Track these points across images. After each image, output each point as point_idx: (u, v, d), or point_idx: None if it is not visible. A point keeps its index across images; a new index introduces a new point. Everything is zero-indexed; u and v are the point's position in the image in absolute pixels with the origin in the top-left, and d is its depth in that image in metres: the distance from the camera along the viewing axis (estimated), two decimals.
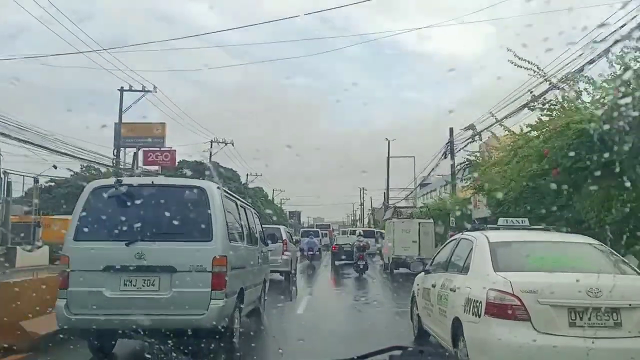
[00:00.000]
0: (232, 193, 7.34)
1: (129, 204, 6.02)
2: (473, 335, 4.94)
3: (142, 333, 5.22)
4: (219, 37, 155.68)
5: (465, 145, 20.83)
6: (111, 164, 33.50)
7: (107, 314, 5.71)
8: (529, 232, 6.28)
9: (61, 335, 6.03)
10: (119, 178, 6.45)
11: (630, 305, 4.55)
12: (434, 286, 6.59)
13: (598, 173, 7.10)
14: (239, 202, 7.93)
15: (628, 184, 6.69)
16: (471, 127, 18.61)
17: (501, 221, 6.70)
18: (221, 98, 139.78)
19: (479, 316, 4.85)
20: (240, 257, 6.98)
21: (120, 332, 5.73)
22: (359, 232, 24.07)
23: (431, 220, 21.89)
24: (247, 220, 8.16)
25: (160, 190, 6.39)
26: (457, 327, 5.37)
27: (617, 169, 6.33)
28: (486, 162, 15.00)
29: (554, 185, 7.89)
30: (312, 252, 27.87)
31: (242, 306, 6.90)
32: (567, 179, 8.14)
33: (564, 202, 8.88)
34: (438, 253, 7.57)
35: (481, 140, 18.34)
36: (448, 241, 7.41)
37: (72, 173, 39.51)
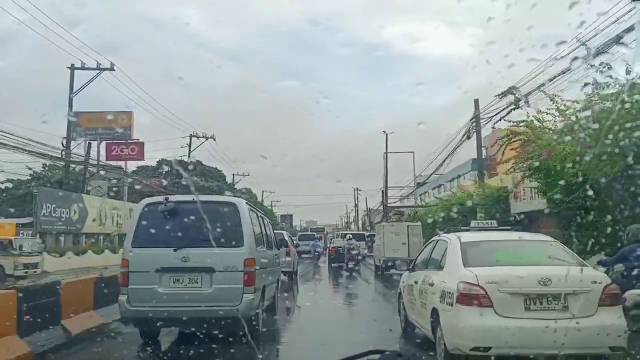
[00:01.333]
0: (253, 205, 8.60)
1: (175, 216, 7.44)
2: (448, 322, 5.85)
3: (187, 321, 6.89)
4: (208, 39, 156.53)
5: (506, 114, 15.96)
6: (61, 157, 30.30)
7: (160, 306, 7.06)
8: (496, 232, 7.23)
9: None
10: (166, 196, 8.11)
11: (574, 291, 5.47)
12: (416, 282, 7.50)
13: None
14: (258, 213, 9.26)
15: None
16: (512, 91, 14.43)
17: (473, 223, 7.67)
18: (210, 100, 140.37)
19: (452, 305, 5.76)
20: (262, 259, 8.28)
21: (170, 320, 7.19)
22: (349, 236, 26.31)
23: (419, 223, 23.08)
24: (265, 227, 9.52)
25: (200, 205, 7.46)
26: (435, 316, 6.28)
27: None
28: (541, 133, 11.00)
29: None
30: (317, 253, 33.46)
31: (264, 300, 8.28)
32: None
33: None
34: (420, 253, 8.50)
35: (529, 105, 12.85)
36: (428, 242, 8.33)
37: (32, 172, 36.13)
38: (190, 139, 44.87)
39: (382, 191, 44.39)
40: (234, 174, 59.50)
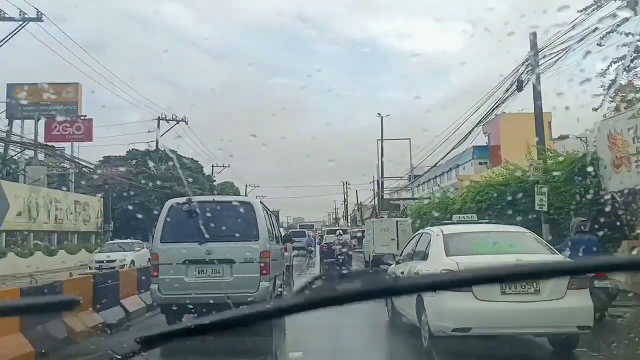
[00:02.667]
0: (265, 205, 9.48)
1: (197, 214, 8.22)
2: (431, 307, 6.36)
3: (211, 307, 7.03)
4: (195, 37, 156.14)
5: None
6: None
7: (187, 293, 7.94)
8: (475, 225, 7.78)
9: None
10: (189, 197, 9.17)
11: None
12: (402, 273, 8.00)
13: None
14: (268, 211, 10.10)
15: None
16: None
17: (455, 217, 8.22)
18: (197, 97, 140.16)
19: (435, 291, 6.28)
20: (274, 253, 9.15)
21: (195, 306, 7.76)
22: (339, 232, 26.74)
23: (408, 219, 23.50)
24: (273, 224, 10.29)
25: (220, 205, 8.88)
26: (419, 303, 6.79)
27: None
28: None
29: None
30: (311, 248, 36.24)
31: (275, 288, 9.13)
32: None
33: None
34: (406, 246, 9.03)
35: None
36: (413, 235, 8.86)
37: None
38: (159, 122, 40.42)
39: (378, 181, 42.02)
40: (213, 165, 55.28)
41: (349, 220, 72.47)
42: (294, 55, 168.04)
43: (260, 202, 9.13)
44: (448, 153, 25.53)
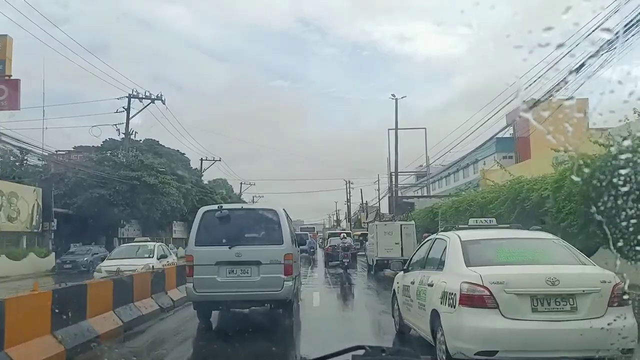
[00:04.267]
0: (286, 211, 10.04)
1: (228, 221, 9.27)
2: (450, 324, 5.54)
3: (241, 303, 9.20)
4: (197, 39, 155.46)
5: None
6: None
7: (219, 291, 8.85)
8: (495, 230, 6.96)
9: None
10: (220, 205, 9.94)
11: (583, 291, 5.21)
12: (412, 283, 7.19)
13: None
14: (288, 217, 10.45)
15: None
16: None
17: (471, 221, 7.38)
18: (202, 101, 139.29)
19: (454, 307, 5.46)
20: (294, 255, 9.84)
21: (226, 303, 9.20)
22: (343, 235, 26.95)
23: (412, 222, 22.70)
24: (292, 229, 10.92)
25: (248, 212, 10.10)
26: (435, 318, 5.97)
27: None
28: None
29: None
30: (313, 250, 36.84)
31: (295, 287, 9.88)
32: None
33: None
34: (415, 253, 8.20)
35: None
36: (424, 241, 8.03)
37: None
38: (129, 101, 35.73)
39: (391, 175, 37.50)
40: (202, 159, 53.08)
41: (351, 223, 70.86)
42: (295, 58, 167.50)
43: (284, 209, 9.74)
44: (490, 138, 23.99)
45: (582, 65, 11.97)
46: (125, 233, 40.21)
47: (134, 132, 38.41)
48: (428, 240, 7.64)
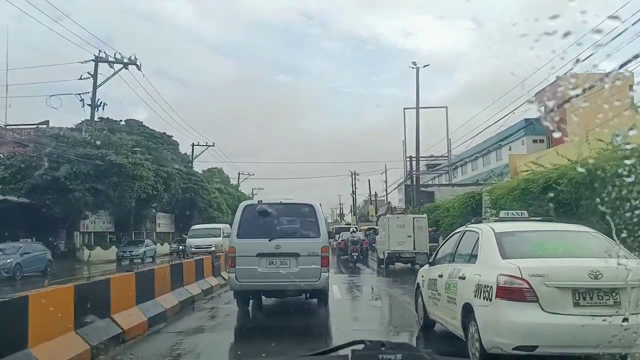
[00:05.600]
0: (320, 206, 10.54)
1: (267, 214, 9.70)
2: (485, 318, 5.35)
3: (280, 292, 9.73)
4: (200, 34, 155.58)
5: None
6: None
7: (259, 281, 9.37)
8: (528, 223, 6.75)
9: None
10: (260, 200, 10.46)
11: (627, 285, 4.98)
12: (440, 276, 7.00)
13: None
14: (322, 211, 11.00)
15: None
16: None
17: (502, 214, 7.17)
18: (204, 95, 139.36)
19: (490, 300, 5.27)
20: (329, 247, 10.40)
21: (266, 292, 9.86)
22: (353, 229, 27.54)
23: (425, 215, 22.75)
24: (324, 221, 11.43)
25: (286, 206, 10.27)
26: (467, 312, 5.78)
27: None
28: None
29: None
30: None
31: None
32: None
33: None
34: (441, 246, 8.00)
35: None
36: (452, 234, 7.83)
37: None
38: (97, 66, 30.11)
39: (410, 159, 33.72)
40: (193, 144, 50.15)
41: (357, 216, 68.82)
42: (299, 52, 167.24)
43: (320, 204, 10.24)
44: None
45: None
46: (91, 226, 35.67)
47: (102, 104, 31.24)
48: (456, 233, 7.45)
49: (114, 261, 30.65)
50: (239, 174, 67.97)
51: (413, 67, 32.19)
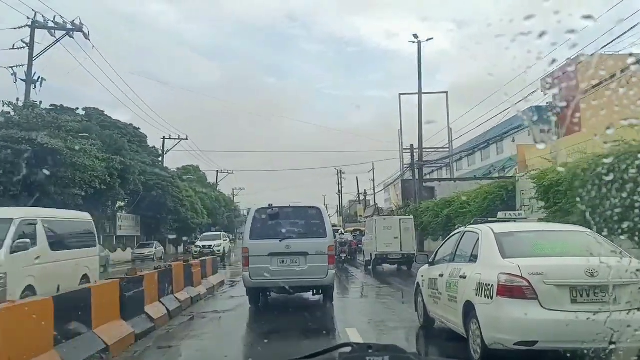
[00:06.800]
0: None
1: (278, 217, 10.48)
2: (487, 315, 5.57)
3: (290, 289, 10.05)
4: (184, 36, 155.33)
5: None
6: None
7: (271, 279, 10.02)
8: (526, 223, 6.99)
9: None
10: (270, 203, 10.80)
11: (623, 282, 5.23)
12: (441, 276, 7.22)
13: None
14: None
15: None
16: None
17: (500, 214, 7.41)
18: (186, 96, 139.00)
19: (491, 298, 5.49)
20: (334, 246, 11.54)
21: (277, 289, 10.46)
22: (341, 231, 29.37)
23: (411, 217, 23.14)
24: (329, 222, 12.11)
25: (295, 209, 10.94)
26: (469, 310, 6.00)
27: None
28: None
29: None
30: None
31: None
32: None
33: None
34: (441, 246, 8.22)
35: None
36: (451, 235, 8.06)
37: None
38: (33, 32, 24.32)
39: (412, 148, 30.72)
40: (164, 137, 45.37)
41: (343, 216, 66.62)
42: (282, 53, 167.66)
43: (325, 207, 11.69)
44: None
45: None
46: None
47: (39, 79, 25.33)
48: (456, 234, 7.67)
49: None
50: (217, 172, 63.47)
51: (414, 42, 29.03)
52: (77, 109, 35.05)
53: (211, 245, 32.46)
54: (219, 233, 38.48)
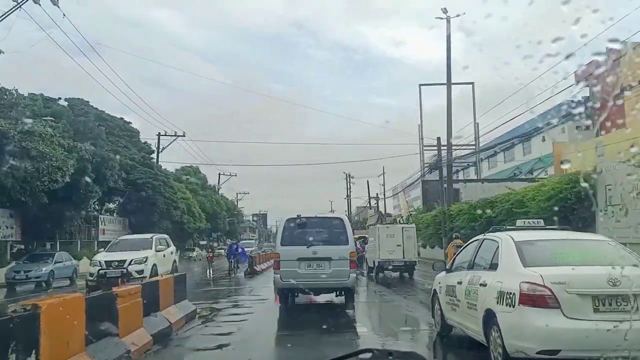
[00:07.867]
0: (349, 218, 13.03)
1: (305, 226, 11.77)
2: (508, 323, 5.60)
3: (316, 290, 11.62)
4: (190, 42, 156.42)
5: None
6: None
7: (300, 281, 11.06)
8: (546, 232, 7.02)
9: None
10: (299, 214, 11.99)
11: None
12: (459, 283, 7.25)
13: None
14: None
15: None
16: None
17: (519, 222, 7.44)
18: (193, 103, 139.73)
19: (513, 306, 5.53)
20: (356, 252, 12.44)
21: (305, 289, 11.40)
22: None
23: (413, 225, 24.05)
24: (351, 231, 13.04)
25: (320, 219, 12.41)
26: (489, 318, 6.04)
27: None
28: None
29: None
30: None
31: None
32: None
33: None
34: (458, 254, 8.26)
35: None
36: (469, 242, 8.09)
37: None
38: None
39: (438, 141, 28.03)
40: (159, 134, 39.71)
41: (352, 223, 64.61)
42: (288, 60, 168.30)
43: (347, 216, 12.20)
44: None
45: None
46: None
47: None
48: (474, 241, 7.71)
49: (3, 286, 21.61)
50: (219, 174, 60.05)
51: (442, 18, 26.72)
52: (60, 98, 31.59)
53: (124, 262, 17.73)
54: (148, 236, 20.44)
